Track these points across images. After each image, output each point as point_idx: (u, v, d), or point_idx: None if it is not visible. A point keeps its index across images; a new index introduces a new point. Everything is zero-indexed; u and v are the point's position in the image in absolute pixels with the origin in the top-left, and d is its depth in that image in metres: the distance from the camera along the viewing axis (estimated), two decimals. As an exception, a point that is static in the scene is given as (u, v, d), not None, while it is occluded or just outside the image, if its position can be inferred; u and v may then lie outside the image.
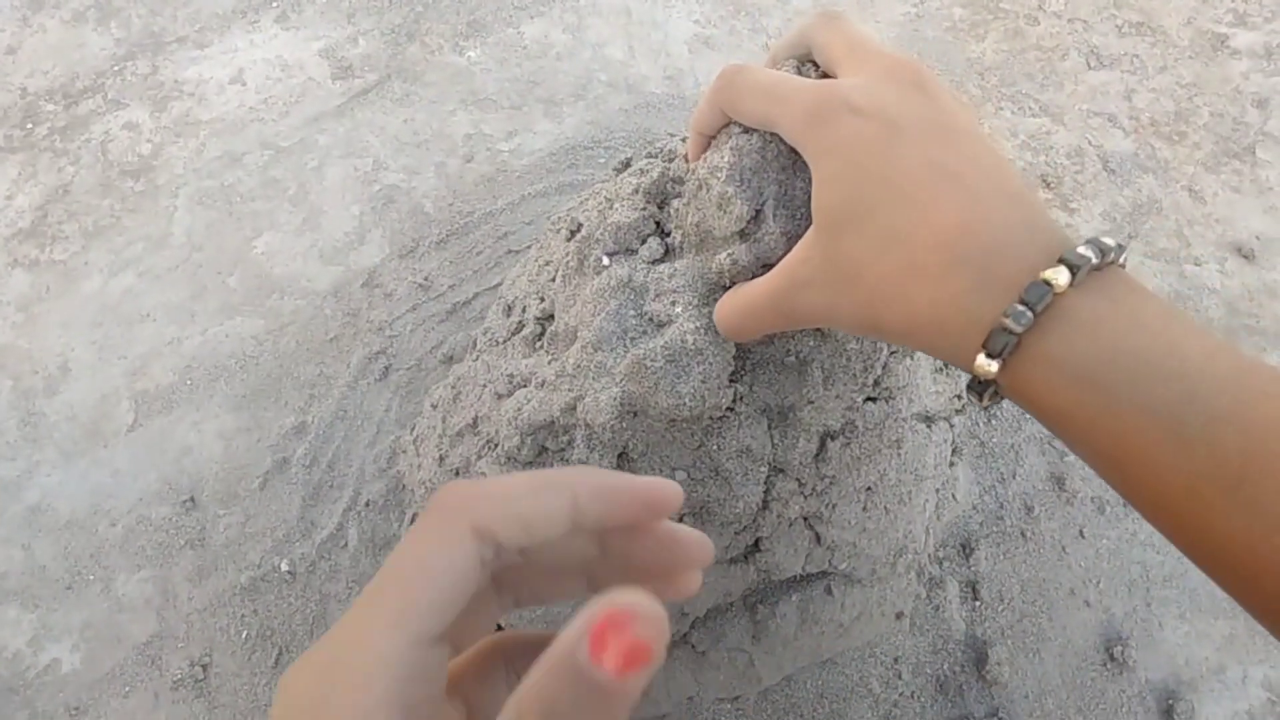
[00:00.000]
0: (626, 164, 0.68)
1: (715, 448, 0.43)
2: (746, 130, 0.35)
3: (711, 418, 0.42)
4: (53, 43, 0.89)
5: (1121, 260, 0.29)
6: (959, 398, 0.61)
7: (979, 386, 0.29)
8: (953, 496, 0.64)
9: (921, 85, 0.32)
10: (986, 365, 0.28)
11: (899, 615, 0.59)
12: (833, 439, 0.46)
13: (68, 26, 0.91)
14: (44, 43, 0.90)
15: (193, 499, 0.66)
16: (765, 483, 0.45)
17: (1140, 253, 0.77)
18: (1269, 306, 0.75)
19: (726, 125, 0.37)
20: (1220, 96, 0.86)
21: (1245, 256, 0.77)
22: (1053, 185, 0.81)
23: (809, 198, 0.33)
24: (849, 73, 0.33)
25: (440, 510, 0.22)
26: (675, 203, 0.42)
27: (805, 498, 0.47)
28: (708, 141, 0.38)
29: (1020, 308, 0.27)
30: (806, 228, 0.33)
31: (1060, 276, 0.27)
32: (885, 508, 0.52)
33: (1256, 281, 0.76)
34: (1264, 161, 0.82)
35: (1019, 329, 0.27)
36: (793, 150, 0.34)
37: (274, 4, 0.91)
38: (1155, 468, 0.27)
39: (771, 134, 0.35)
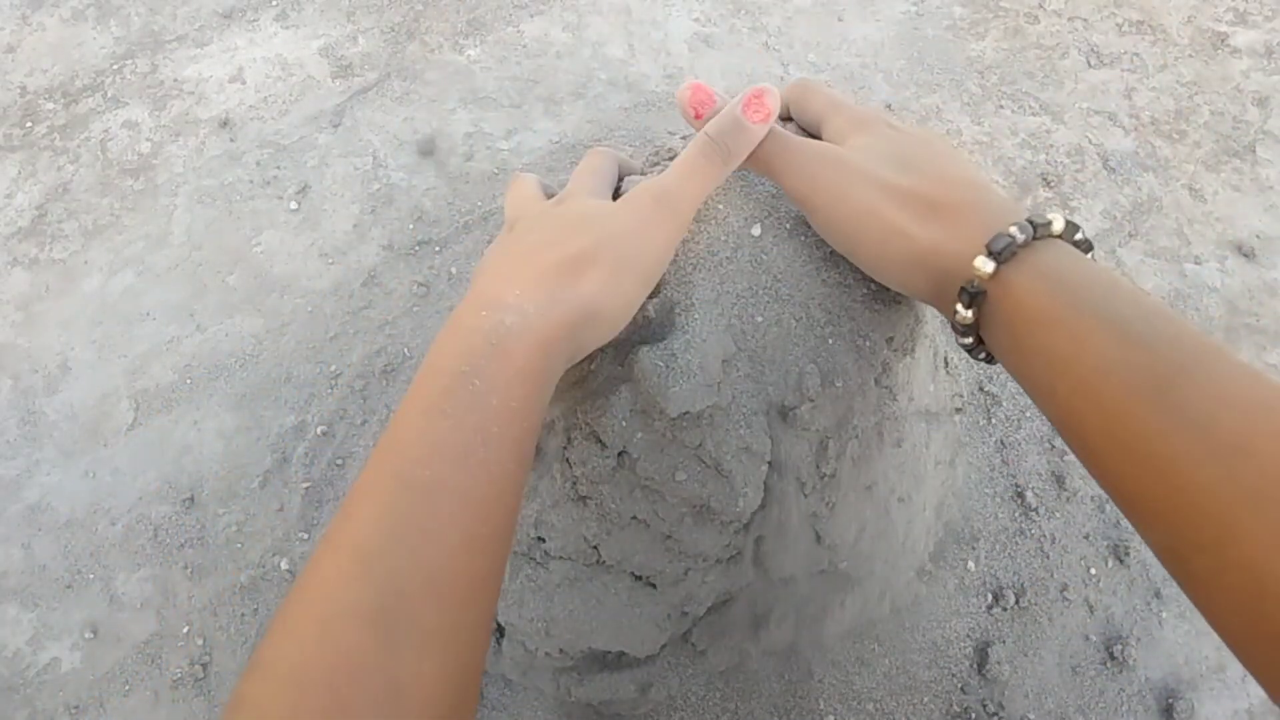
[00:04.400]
0: (626, 162, 0.68)
1: (715, 446, 0.43)
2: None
3: (711, 416, 0.42)
4: (52, 41, 0.89)
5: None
6: (959, 396, 0.61)
7: (970, 294, 0.35)
8: (952, 495, 0.64)
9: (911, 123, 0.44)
10: (984, 266, 0.33)
11: (897, 612, 0.59)
12: (833, 438, 0.46)
13: (67, 25, 0.91)
14: (43, 41, 0.89)
15: (192, 498, 0.66)
16: (765, 481, 0.45)
17: (1141, 251, 0.77)
18: (1269, 305, 0.74)
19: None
20: (1221, 95, 0.86)
21: (1246, 255, 0.77)
22: (1053, 184, 0.81)
23: None
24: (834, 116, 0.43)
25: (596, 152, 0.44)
26: None
27: (805, 496, 0.47)
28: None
29: (1025, 224, 0.33)
30: None
31: (1058, 219, 0.34)
32: (885, 507, 0.52)
33: (1257, 280, 0.76)
34: (1264, 160, 0.82)
35: (1021, 237, 0.33)
36: None
37: (273, 3, 0.91)
38: (1097, 365, 0.31)
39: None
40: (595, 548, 0.48)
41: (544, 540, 0.49)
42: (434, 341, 0.36)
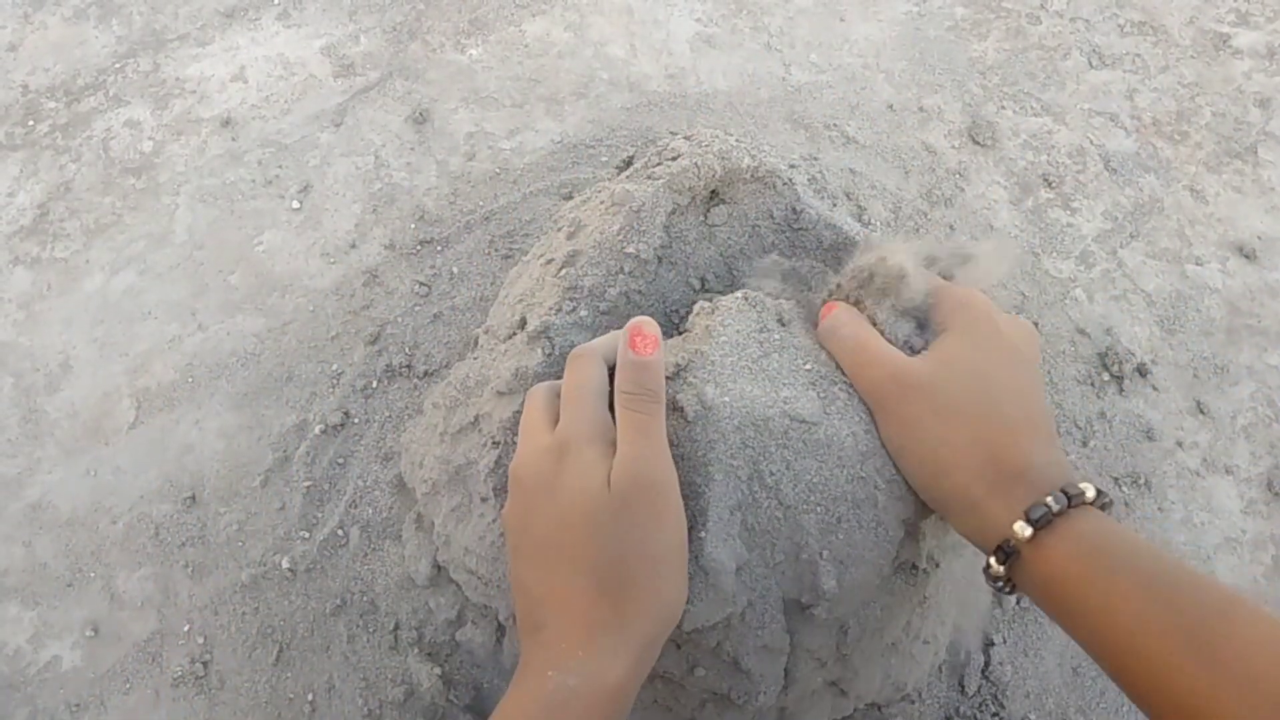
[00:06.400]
0: (628, 162, 0.68)
1: (733, 646, 0.42)
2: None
3: (728, 619, 0.42)
4: (54, 40, 0.89)
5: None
6: None
7: (1005, 552, 0.38)
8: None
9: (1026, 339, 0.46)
10: (1023, 531, 0.37)
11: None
12: (852, 621, 0.46)
13: (69, 24, 0.91)
14: (45, 40, 0.90)
15: (194, 496, 0.66)
16: (786, 668, 0.45)
17: (1142, 252, 0.77)
18: (1270, 306, 0.74)
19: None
20: (1222, 96, 0.86)
21: (1247, 256, 0.77)
22: (1054, 185, 0.81)
23: None
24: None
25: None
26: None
27: (825, 666, 0.46)
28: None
29: (1060, 494, 0.37)
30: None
31: (1090, 490, 0.38)
32: (910, 652, 0.52)
33: (1258, 281, 0.76)
34: (1266, 161, 0.82)
35: (1057, 507, 0.37)
36: None
37: (275, 2, 0.91)
38: (1131, 625, 0.33)
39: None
40: None
41: None
42: (500, 702, 0.37)
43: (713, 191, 0.58)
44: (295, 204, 0.79)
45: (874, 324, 0.46)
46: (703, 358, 0.45)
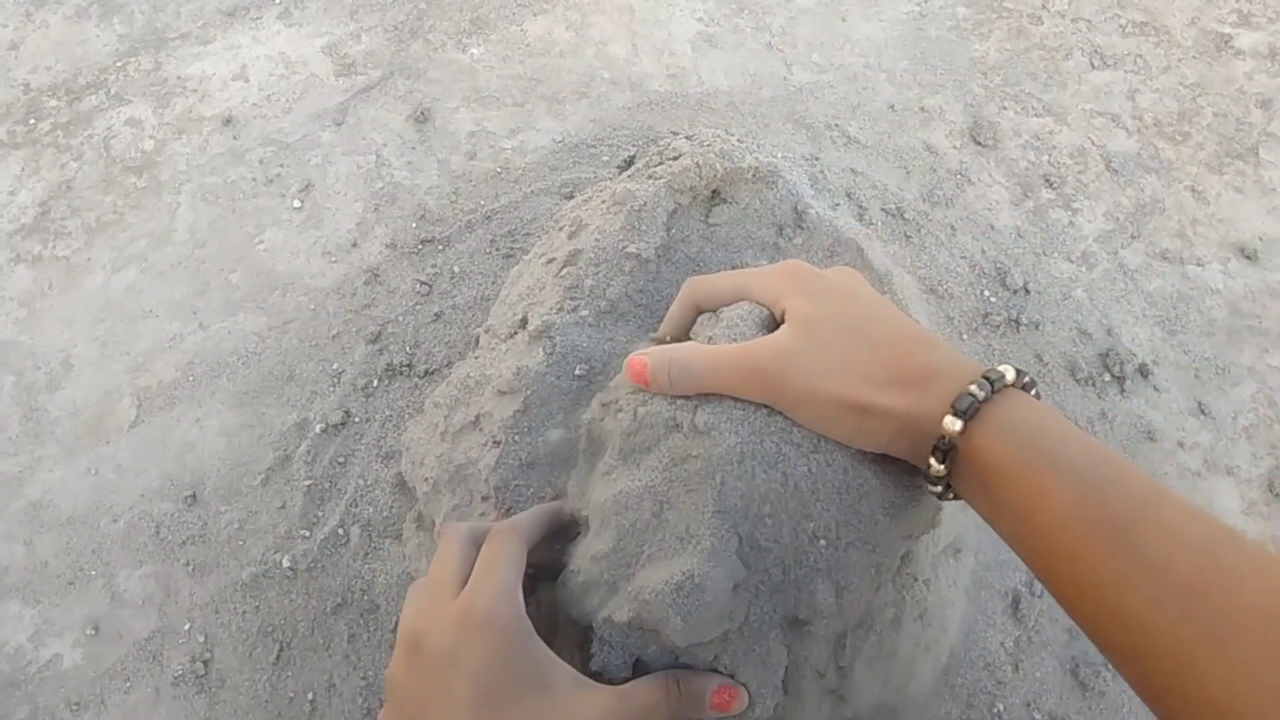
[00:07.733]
0: (630, 162, 0.68)
1: (730, 660, 0.42)
2: None
3: (725, 634, 0.42)
4: (55, 38, 0.89)
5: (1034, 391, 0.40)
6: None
7: (942, 450, 0.37)
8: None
9: (847, 275, 0.46)
10: (953, 425, 0.36)
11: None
12: (850, 634, 0.46)
13: (70, 22, 0.91)
14: (47, 38, 0.90)
15: (194, 495, 0.66)
16: (783, 679, 0.45)
17: (1143, 253, 0.77)
18: (1272, 307, 0.74)
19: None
20: (1224, 97, 0.86)
21: (1248, 257, 0.77)
22: (1055, 185, 0.81)
23: None
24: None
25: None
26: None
27: (823, 677, 0.46)
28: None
29: (983, 381, 0.37)
30: None
31: (1009, 373, 0.37)
32: (910, 660, 0.51)
33: (1259, 282, 0.76)
34: (1267, 162, 0.82)
35: (981, 394, 0.36)
36: None
37: (277, 1, 0.91)
38: (1058, 517, 0.33)
39: None
40: None
41: None
42: None
43: (714, 191, 0.58)
44: (296, 203, 0.79)
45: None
46: None
